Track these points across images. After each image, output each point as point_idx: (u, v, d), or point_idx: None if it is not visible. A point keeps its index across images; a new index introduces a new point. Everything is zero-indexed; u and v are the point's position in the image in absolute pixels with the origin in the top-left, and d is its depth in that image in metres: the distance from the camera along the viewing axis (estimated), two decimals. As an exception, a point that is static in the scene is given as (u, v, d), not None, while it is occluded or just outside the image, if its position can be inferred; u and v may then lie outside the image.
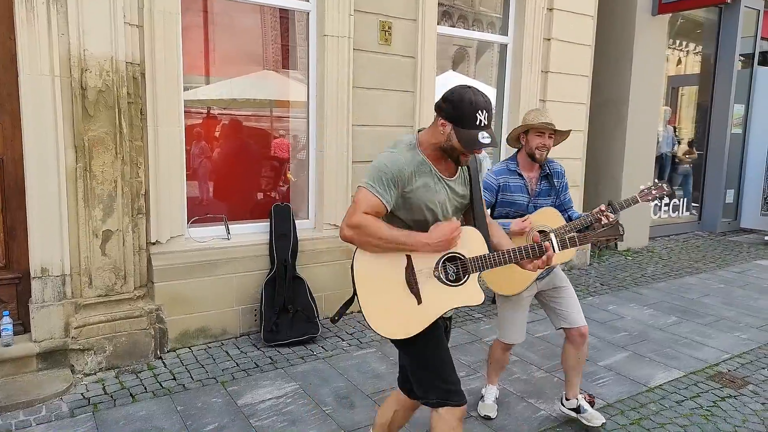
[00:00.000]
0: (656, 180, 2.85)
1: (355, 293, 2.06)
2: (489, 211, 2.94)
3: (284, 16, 4.73)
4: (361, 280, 2.02)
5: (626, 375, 3.73)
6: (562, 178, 3.06)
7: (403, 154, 1.99)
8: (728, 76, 8.58)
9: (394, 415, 2.37)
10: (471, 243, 2.05)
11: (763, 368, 3.88)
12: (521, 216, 2.87)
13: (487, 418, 3.11)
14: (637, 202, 3.02)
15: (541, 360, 3.92)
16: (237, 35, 4.66)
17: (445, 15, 5.84)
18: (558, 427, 3.08)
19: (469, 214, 2.21)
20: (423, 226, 2.02)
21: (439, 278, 2.03)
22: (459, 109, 1.91)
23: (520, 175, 2.96)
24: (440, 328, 2.11)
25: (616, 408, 3.29)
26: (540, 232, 2.74)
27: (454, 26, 5.88)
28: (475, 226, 2.13)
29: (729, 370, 3.84)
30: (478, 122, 1.90)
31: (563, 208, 3.05)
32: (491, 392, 3.24)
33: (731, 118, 8.71)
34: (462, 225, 2.10)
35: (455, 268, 2.04)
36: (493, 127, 2.03)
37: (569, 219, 2.99)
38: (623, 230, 2.21)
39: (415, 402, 2.29)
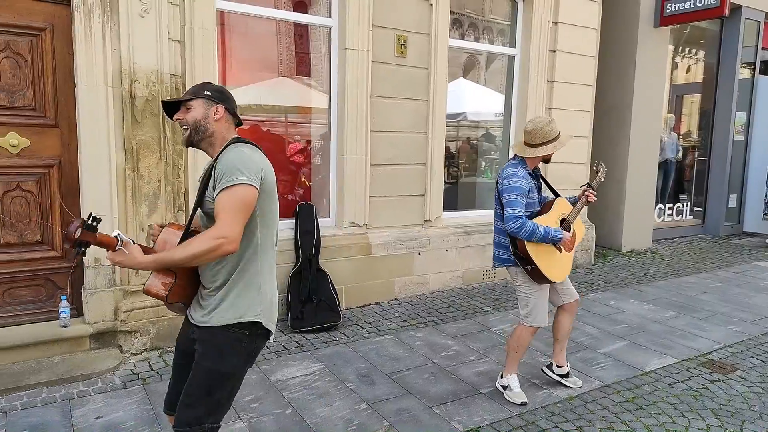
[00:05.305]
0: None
1: None
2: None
3: (304, 27, 5.13)
4: None
5: (623, 361, 4.05)
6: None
7: None
8: (730, 85, 8.87)
9: None
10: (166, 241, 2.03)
11: (752, 357, 4.19)
12: (535, 214, 3.24)
13: (524, 404, 3.34)
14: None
15: (545, 347, 4.24)
16: (264, 45, 5.06)
17: (456, 23, 6.18)
18: (558, 403, 3.41)
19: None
20: None
21: None
22: (225, 94, 2.26)
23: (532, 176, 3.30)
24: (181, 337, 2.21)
25: (612, 388, 3.62)
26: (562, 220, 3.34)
27: (464, 34, 6.23)
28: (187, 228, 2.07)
29: (720, 358, 4.15)
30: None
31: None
32: (515, 380, 3.46)
33: (733, 126, 9.00)
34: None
35: None
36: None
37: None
38: None
39: None
